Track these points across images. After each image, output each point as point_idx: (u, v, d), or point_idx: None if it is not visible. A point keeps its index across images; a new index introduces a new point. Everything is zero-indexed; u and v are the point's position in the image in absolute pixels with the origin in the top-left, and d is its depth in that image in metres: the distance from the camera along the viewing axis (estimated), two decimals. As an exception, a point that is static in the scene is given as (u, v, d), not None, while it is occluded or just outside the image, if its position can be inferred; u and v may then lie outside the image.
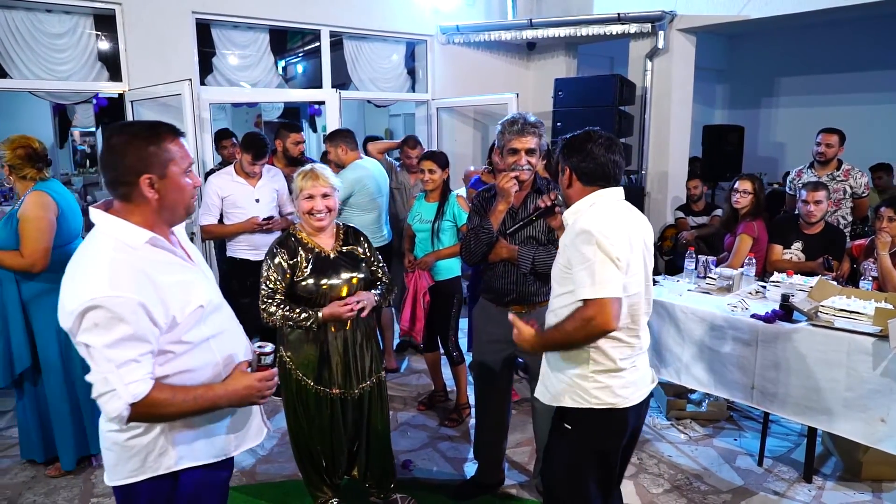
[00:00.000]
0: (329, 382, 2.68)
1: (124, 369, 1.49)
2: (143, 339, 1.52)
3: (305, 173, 2.65)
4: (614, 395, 2.02)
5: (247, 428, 1.86)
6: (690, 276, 4.00)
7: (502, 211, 2.71)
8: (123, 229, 1.58)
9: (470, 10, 7.13)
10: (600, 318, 1.88)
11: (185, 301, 1.61)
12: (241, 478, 3.33)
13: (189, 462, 1.70)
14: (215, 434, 1.75)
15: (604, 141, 2.06)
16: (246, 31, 6.00)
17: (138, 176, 1.57)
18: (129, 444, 1.63)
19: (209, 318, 1.69)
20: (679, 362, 3.56)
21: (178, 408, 1.58)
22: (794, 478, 3.26)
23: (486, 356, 2.95)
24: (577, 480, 2.11)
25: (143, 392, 1.51)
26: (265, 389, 1.72)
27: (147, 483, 1.66)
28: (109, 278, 1.48)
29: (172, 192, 1.63)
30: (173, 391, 1.58)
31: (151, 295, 1.52)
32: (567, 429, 2.10)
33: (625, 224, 2.00)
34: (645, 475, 3.31)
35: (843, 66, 8.06)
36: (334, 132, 4.62)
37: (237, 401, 1.69)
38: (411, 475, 3.35)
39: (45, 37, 5.06)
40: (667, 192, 6.61)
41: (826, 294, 3.28)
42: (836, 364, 2.96)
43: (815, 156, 4.65)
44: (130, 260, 1.54)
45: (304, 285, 2.60)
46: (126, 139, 1.58)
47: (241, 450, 1.84)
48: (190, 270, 1.70)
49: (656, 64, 6.40)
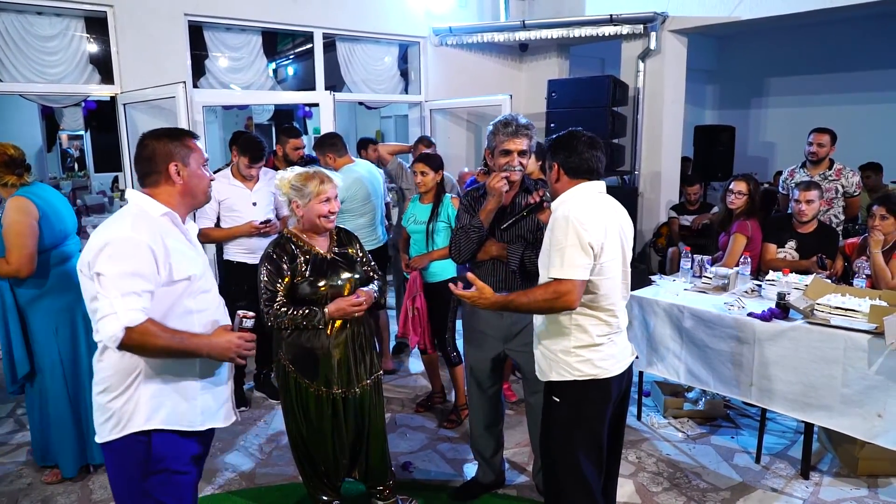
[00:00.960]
0: (329, 382, 2.67)
1: (128, 298, 1.77)
2: (147, 279, 1.81)
3: (318, 178, 2.61)
4: (595, 367, 2.23)
5: (216, 409, 2.09)
6: (686, 275, 4.02)
7: (492, 210, 2.73)
8: (147, 201, 1.95)
9: (462, 12, 7.14)
10: (567, 297, 2.10)
11: (182, 266, 1.90)
12: (240, 481, 3.31)
13: (156, 424, 1.92)
14: (184, 406, 1.97)
15: (587, 139, 2.28)
16: (238, 33, 5.99)
17: (167, 163, 1.95)
18: (108, 406, 1.90)
19: (198, 295, 1.97)
20: (677, 360, 3.59)
21: (165, 342, 1.82)
22: (791, 474, 3.29)
23: (476, 354, 2.96)
24: (572, 453, 2.28)
25: (139, 320, 1.77)
26: (243, 349, 1.97)
27: (122, 440, 1.90)
28: (132, 225, 1.84)
29: (193, 178, 2.00)
30: (163, 328, 1.84)
31: (160, 247, 1.84)
32: (555, 401, 2.31)
33: (602, 213, 2.20)
34: (644, 474, 3.32)
35: (832, 66, 8.15)
36: (320, 140, 4.49)
37: (217, 352, 1.94)
38: (411, 477, 3.34)
39: (36, 39, 5.02)
40: (660, 191, 6.65)
41: (821, 292, 3.32)
42: (832, 361, 2.99)
43: (806, 155, 4.69)
44: (148, 220, 1.90)
45: (303, 287, 2.60)
46: (158, 137, 1.98)
47: (206, 426, 2.05)
48: (193, 249, 2.01)
49: (648, 65, 6.44)
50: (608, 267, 2.18)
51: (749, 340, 3.24)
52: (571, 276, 2.10)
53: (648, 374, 3.87)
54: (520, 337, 2.83)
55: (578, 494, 2.31)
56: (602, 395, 2.27)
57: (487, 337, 2.88)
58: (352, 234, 2.86)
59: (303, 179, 2.61)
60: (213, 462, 3.49)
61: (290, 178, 2.63)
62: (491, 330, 2.86)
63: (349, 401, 2.73)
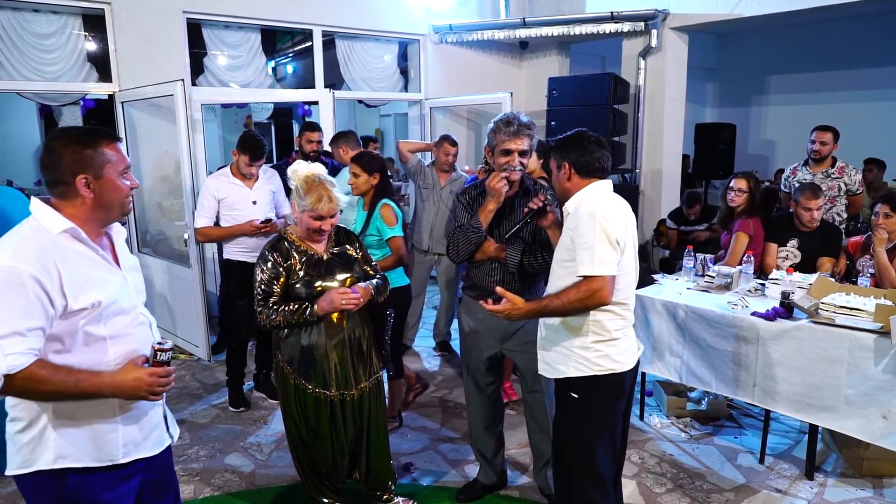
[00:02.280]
0: (326, 384, 2.64)
1: (7, 340, 1.52)
2: (33, 314, 1.55)
3: (317, 194, 2.53)
4: (612, 361, 2.28)
5: (143, 437, 1.85)
6: (689, 274, 4.00)
7: (492, 210, 2.68)
8: (47, 215, 1.68)
9: (462, 10, 7.11)
10: (601, 293, 2.15)
11: (83, 292, 1.64)
12: (240, 483, 3.29)
13: (68, 462, 1.71)
14: (102, 438, 1.75)
15: (595, 138, 2.35)
16: (237, 30, 5.95)
17: (74, 176, 1.68)
18: (15, 438, 1.70)
19: (111, 319, 1.72)
20: (680, 361, 3.56)
21: (57, 387, 1.60)
22: (795, 475, 3.27)
23: (472, 354, 2.93)
24: (588, 448, 2.31)
25: (21, 365, 1.53)
26: (156, 385, 1.73)
27: (33, 477, 1.70)
28: (12, 252, 1.57)
29: (108, 192, 1.73)
30: (54, 370, 1.60)
31: (52, 274, 1.58)
32: (573, 397, 2.32)
33: (619, 209, 2.27)
34: (647, 474, 3.30)
35: (833, 63, 8.13)
36: (336, 135, 4.61)
37: (123, 392, 1.71)
38: (413, 477, 3.32)
39: (33, 37, 4.99)
40: (661, 189, 6.63)
41: (825, 291, 3.29)
42: (837, 361, 2.96)
43: (809, 153, 4.66)
44: (41, 241, 1.62)
45: (298, 288, 2.57)
46: (64, 142, 1.69)
47: (131, 458, 1.81)
48: (104, 269, 1.74)
49: (649, 62, 6.42)
50: (625, 262, 2.25)
51: (752, 340, 3.22)
52: (602, 273, 2.14)
53: (651, 374, 3.85)
54: (516, 336, 2.80)
55: (593, 490, 2.34)
56: (618, 389, 2.33)
57: (484, 337, 2.86)
58: (351, 233, 2.83)
59: (306, 187, 2.56)
60: (212, 463, 3.46)
61: (300, 176, 2.58)
62: (487, 330, 2.83)
63: (348, 402, 2.70)
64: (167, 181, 5.22)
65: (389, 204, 3.40)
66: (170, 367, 1.78)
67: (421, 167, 4.80)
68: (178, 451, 3.58)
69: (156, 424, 1.90)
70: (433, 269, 5.06)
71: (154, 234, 5.64)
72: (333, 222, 2.62)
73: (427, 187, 4.80)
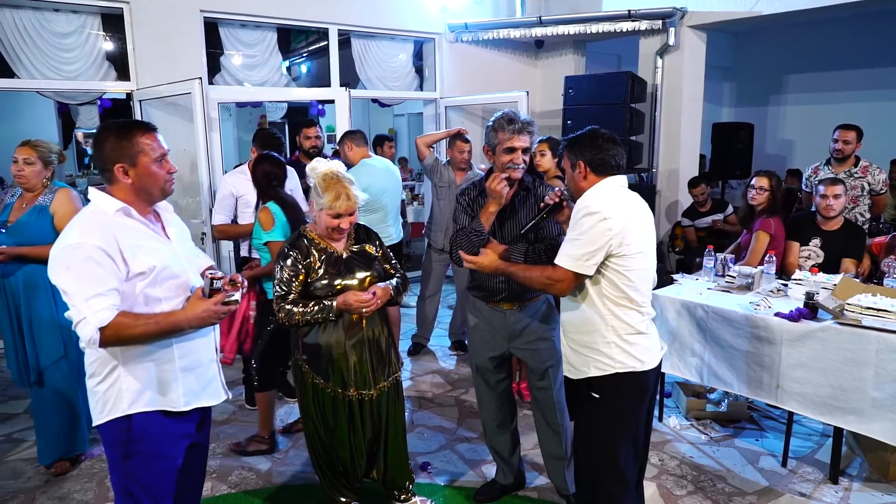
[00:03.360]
0: (345, 384, 2.63)
1: (92, 300, 1.80)
2: (107, 277, 1.83)
3: (335, 192, 2.51)
4: (634, 359, 2.24)
5: (200, 389, 2.10)
6: (709, 274, 3.95)
7: (493, 213, 2.61)
8: (101, 199, 1.94)
9: (478, 8, 7.09)
10: (560, 286, 2.23)
11: (140, 259, 1.89)
12: (257, 481, 3.28)
13: (139, 408, 1.96)
14: (167, 386, 2.01)
15: (608, 136, 2.33)
16: (254, 29, 5.96)
17: (113, 164, 1.93)
18: (95, 391, 1.97)
19: (164, 282, 1.96)
20: (701, 361, 3.51)
21: (143, 329, 1.87)
22: (819, 479, 3.21)
23: (480, 352, 2.91)
24: (611, 448, 2.28)
25: (109, 318, 1.81)
26: (222, 311, 1.97)
27: (109, 424, 1.96)
28: (79, 231, 1.85)
29: (144, 178, 1.96)
30: (136, 317, 1.87)
31: (112, 245, 1.84)
32: (595, 398, 2.29)
33: (627, 206, 2.25)
34: (667, 476, 3.26)
35: (851, 62, 8.02)
36: (343, 133, 4.59)
37: (198, 323, 1.96)
38: (430, 477, 3.30)
39: (53, 36, 5.03)
40: (678, 189, 6.57)
41: (851, 292, 3.23)
42: (864, 363, 2.91)
43: (832, 152, 4.59)
44: (100, 219, 1.90)
45: (318, 286, 2.55)
46: (105, 135, 1.94)
47: (191, 406, 2.06)
48: (156, 240, 1.99)
49: (667, 61, 6.36)
50: (636, 259, 2.21)
51: (775, 341, 3.17)
52: (570, 268, 2.18)
53: (670, 374, 3.80)
54: (524, 335, 2.79)
55: (616, 489, 2.31)
56: (641, 388, 2.30)
57: (491, 336, 2.83)
58: (371, 231, 2.81)
59: (324, 185, 2.53)
60: (229, 461, 3.46)
61: (319, 174, 2.56)
62: (494, 329, 2.82)
63: (366, 402, 2.69)
64: (183, 179, 5.24)
65: (269, 208, 3.30)
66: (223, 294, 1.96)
67: (437, 165, 4.77)
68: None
69: (211, 378, 2.16)
70: (449, 268, 5.04)
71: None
72: (352, 220, 2.60)
73: (443, 186, 4.76)
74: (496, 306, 2.77)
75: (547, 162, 4.18)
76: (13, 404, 4.21)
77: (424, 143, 4.79)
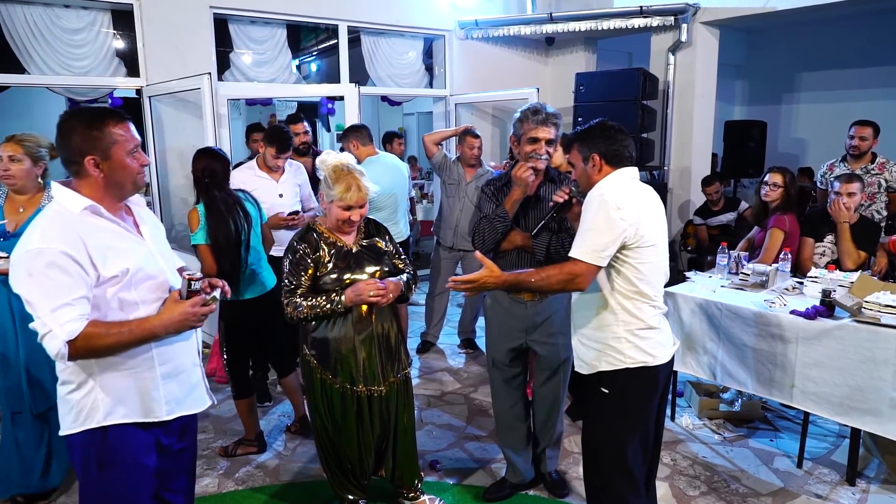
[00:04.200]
0: (353, 379, 2.60)
1: (59, 311, 1.64)
2: (74, 285, 1.67)
3: (346, 183, 2.49)
4: (645, 354, 2.20)
5: (184, 396, 1.97)
6: (722, 271, 3.89)
7: (518, 200, 2.68)
8: (66, 196, 1.77)
9: (489, 5, 7.06)
10: (579, 280, 2.12)
11: (111, 262, 1.74)
12: (264, 478, 3.25)
13: (116, 419, 1.82)
14: (148, 395, 1.86)
15: (618, 127, 2.31)
16: (263, 26, 5.95)
17: (83, 156, 1.75)
18: (67, 398, 1.81)
19: (139, 284, 1.81)
20: (714, 360, 3.46)
21: (116, 338, 1.72)
22: (836, 480, 3.15)
23: (497, 345, 2.90)
24: (620, 444, 2.24)
25: (77, 330, 1.66)
26: (200, 314, 1.83)
27: (79, 435, 1.81)
28: (41, 234, 1.67)
29: (117, 171, 1.80)
30: (107, 325, 1.72)
31: (80, 249, 1.68)
32: (605, 393, 2.26)
33: (638, 197, 2.21)
34: (680, 477, 3.20)
35: (865, 60, 7.91)
36: (348, 128, 4.55)
37: (175, 328, 1.81)
38: (439, 476, 3.26)
39: (63, 32, 5.03)
40: (689, 187, 6.50)
41: (868, 290, 3.17)
42: (882, 362, 2.85)
43: (847, 149, 4.52)
44: (65, 220, 1.72)
45: (327, 280, 2.53)
46: (72, 124, 1.76)
47: (174, 415, 1.93)
48: (128, 239, 1.83)
49: (679, 58, 6.30)
50: (649, 252, 2.16)
51: (791, 340, 3.11)
52: (588, 261, 2.10)
53: (682, 373, 3.75)
54: (542, 328, 2.78)
55: (624, 486, 2.27)
56: (651, 383, 2.25)
57: (509, 328, 2.82)
58: (381, 226, 2.78)
59: (335, 177, 2.51)
60: (236, 457, 3.43)
61: (329, 166, 2.54)
62: (514, 321, 2.81)
63: (375, 399, 2.66)
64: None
65: (197, 210, 3.23)
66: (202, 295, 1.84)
67: (447, 162, 4.74)
68: (201, 444, 3.56)
69: (195, 384, 2.03)
70: (458, 266, 5.00)
71: (179, 228, 5.65)
72: (363, 213, 2.57)
73: (453, 183, 4.73)
74: (517, 297, 2.76)
75: (558, 157, 4.13)
76: None
77: (432, 141, 4.76)
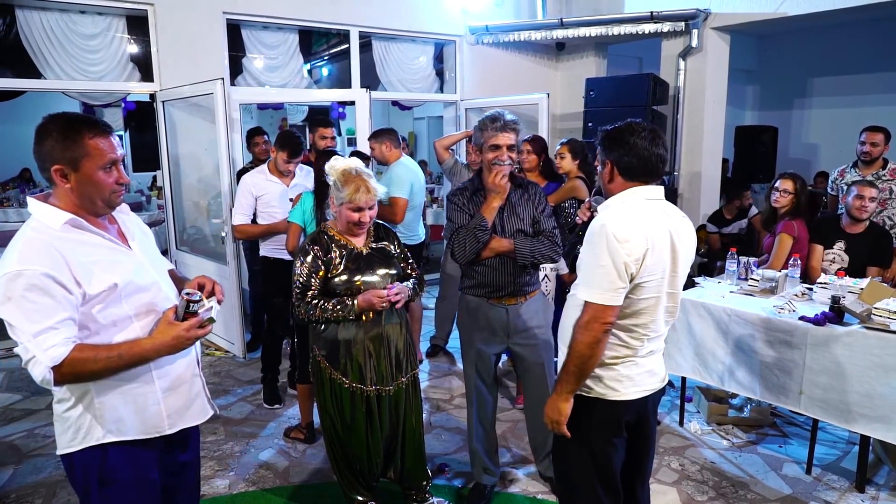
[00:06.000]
0: (363, 379, 2.62)
1: (41, 336, 1.55)
2: (57, 308, 1.57)
3: (355, 185, 2.52)
4: (605, 387, 1.99)
5: (187, 406, 1.90)
6: (732, 277, 3.89)
7: (496, 207, 2.72)
8: (44, 212, 1.66)
9: (499, 10, 7.08)
10: (597, 323, 1.86)
11: (97, 277, 1.64)
12: (274, 479, 3.28)
13: (116, 437, 1.75)
14: (148, 411, 1.79)
15: (647, 133, 1.94)
16: (275, 31, 6.01)
17: (52, 164, 1.63)
18: (63, 416, 1.73)
19: (130, 298, 1.72)
20: (722, 366, 3.46)
21: (105, 364, 1.63)
22: (845, 487, 3.13)
23: (481, 351, 2.91)
24: (582, 473, 2.06)
25: (62, 355, 1.56)
26: (194, 338, 1.74)
27: (79, 454, 1.73)
28: (19, 256, 1.56)
29: (85, 185, 1.67)
30: (95, 350, 1.63)
31: (62, 268, 1.57)
32: None
33: (650, 226, 1.88)
34: (688, 482, 3.20)
35: (877, 65, 7.87)
36: (380, 130, 4.60)
37: (167, 351, 1.72)
38: (447, 479, 3.28)
39: (79, 37, 5.11)
40: (700, 193, 6.49)
41: (878, 296, 3.15)
42: (891, 369, 2.84)
43: (859, 155, 4.50)
44: (44, 238, 1.61)
45: (338, 282, 2.56)
46: (47, 129, 1.64)
47: (176, 428, 1.87)
48: (114, 251, 1.73)
49: (689, 63, 6.29)
50: (648, 287, 1.90)
51: (800, 346, 3.11)
52: (599, 301, 1.85)
53: (691, 379, 3.75)
54: (524, 332, 2.85)
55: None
56: (609, 421, 2.02)
57: (490, 333, 2.86)
58: (389, 230, 2.82)
59: (343, 179, 2.55)
60: (246, 459, 3.47)
61: (338, 169, 2.58)
62: (494, 327, 2.84)
63: (384, 399, 2.68)
64: (204, 180, 5.29)
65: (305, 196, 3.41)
66: (199, 317, 1.74)
67: (458, 167, 4.76)
68: (212, 445, 3.60)
69: (196, 394, 1.94)
70: None
71: (191, 232, 5.71)
72: (372, 214, 2.61)
73: None
74: (497, 303, 2.80)
75: (567, 164, 4.14)
76: (36, 400, 4.27)
77: (443, 146, 4.80)
